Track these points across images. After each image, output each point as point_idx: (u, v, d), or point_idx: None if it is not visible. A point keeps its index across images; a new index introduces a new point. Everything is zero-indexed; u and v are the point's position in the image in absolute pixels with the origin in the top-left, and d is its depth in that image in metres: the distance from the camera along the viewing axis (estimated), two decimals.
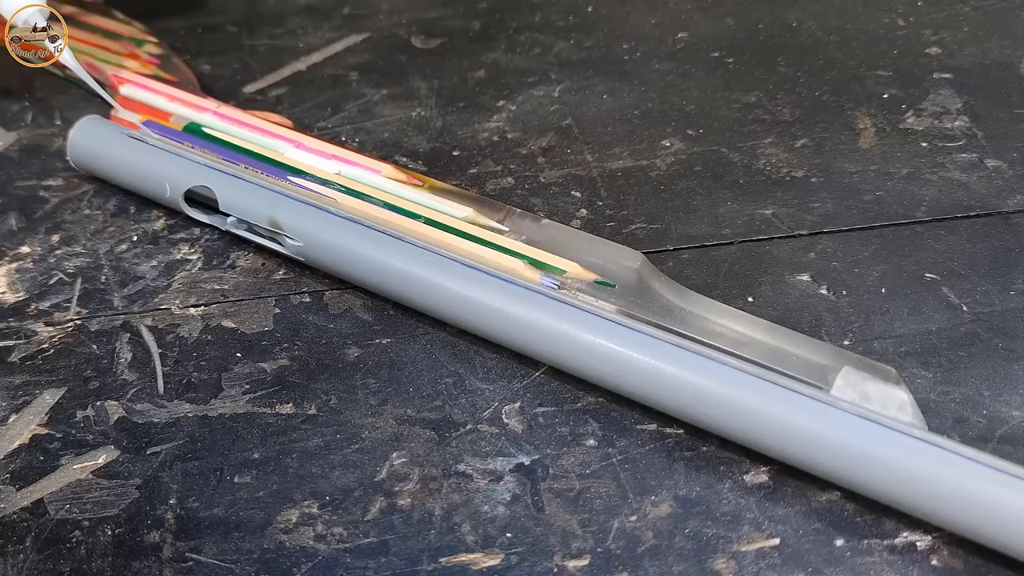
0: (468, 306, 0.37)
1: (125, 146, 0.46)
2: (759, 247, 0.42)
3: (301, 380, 0.38)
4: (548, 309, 0.36)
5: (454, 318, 0.38)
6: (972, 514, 0.30)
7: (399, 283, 0.39)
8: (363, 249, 0.40)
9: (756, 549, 0.32)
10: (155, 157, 0.45)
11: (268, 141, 0.46)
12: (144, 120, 0.48)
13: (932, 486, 0.31)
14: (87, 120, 0.47)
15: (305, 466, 0.35)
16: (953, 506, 0.30)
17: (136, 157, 0.45)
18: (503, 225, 0.41)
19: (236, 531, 0.33)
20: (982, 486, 0.30)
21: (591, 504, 0.33)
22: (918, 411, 0.33)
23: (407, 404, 0.37)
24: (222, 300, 0.42)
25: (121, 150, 0.46)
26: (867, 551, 0.32)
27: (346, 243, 0.40)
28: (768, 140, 0.48)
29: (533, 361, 0.38)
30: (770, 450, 0.33)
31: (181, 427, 0.37)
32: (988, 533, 0.30)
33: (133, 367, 0.39)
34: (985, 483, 0.30)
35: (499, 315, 0.37)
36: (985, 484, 0.30)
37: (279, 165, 0.45)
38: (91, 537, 0.33)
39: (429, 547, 0.32)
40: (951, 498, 0.30)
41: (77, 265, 0.44)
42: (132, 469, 0.35)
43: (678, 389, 0.34)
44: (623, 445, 0.35)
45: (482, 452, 0.35)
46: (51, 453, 0.36)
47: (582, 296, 0.38)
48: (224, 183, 0.43)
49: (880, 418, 0.32)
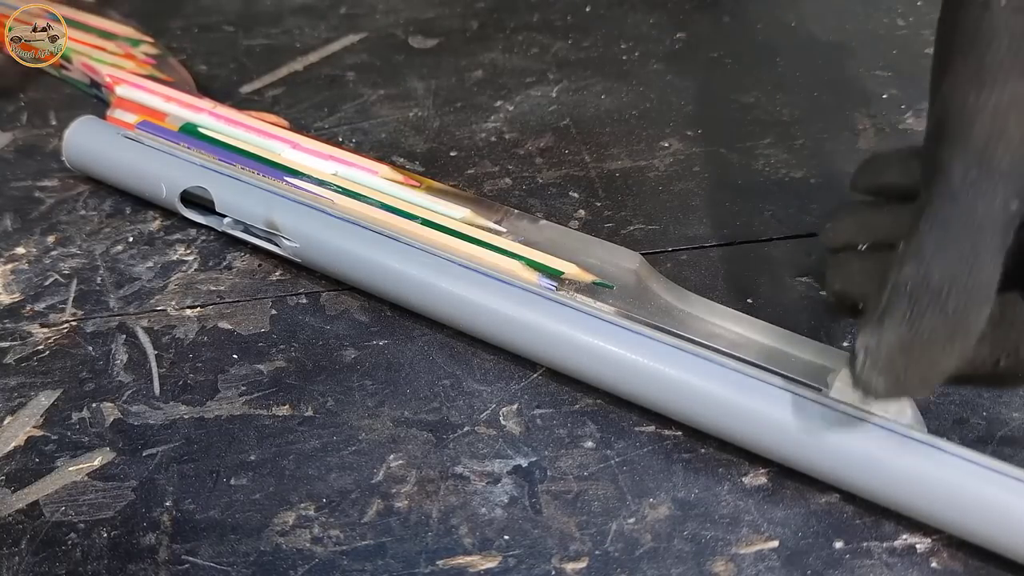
0: (465, 307, 0.37)
1: (121, 147, 0.46)
2: (758, 248, 0.42)
3: (298, 382, 0.38)
4: (545, 311, 0.36)
5: (451, 319, 0.38)
6: (971, 516, 0.30)
7: (396, 284, 0.39)
8: (360, 250, 0.39)
9: (755, 551, 0.32)
10: (151, 158, 0.45)
11: (264, 142, 0.46)
12: (140, 121, 0.47)
13: (931, 488, 0.30)
14: (82, 121, 0.47)
15: (302, 468, 0.35)
16: (952, 508, 0.30)
17: (132, 158, 0.45)
18: (500, 226, 0.41)
19: (232, 533, 0.33)
20: (981, 488, 0.30)
21: (589, 506, 0.33)
22: (917, 413, 0.33)
23: (404, 406, 0.37)
24: (218, 301, 0.41)
25: (117, 151, 0.46)
26: (866, 553, 0.31)
27: (343, 244, 0.40)
28: (767, 140, 0.48)
29: (531, 363, 0.38)
30: (768, 452, 0.33)
31: (177, 429, 0.37)
32: (987, 535, 0.30)
33: (129, 369, 0.39)
34: (984, 485, 0.30)
35: (496, 316, 0.37)
36: (984, 486, 0.30)
37: (275, 166, 0.45)
38: (87, 539, 0.33)
39: (426, 549, 0.32)
40: (950, 500, 0.30)
41: (73, 266, 0.44)
42: (128, 471, 0.35)
43: (675, 391, 0.34)
44: (621, 447, 0.35)
45: (480, 454, 0.35)
46: (46, 455, 0.36)
47: (580, 297, 0.38)
48: (220, 184, 0.42)
49: (879, 420, 0.32)
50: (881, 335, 0.29)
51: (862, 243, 0.37)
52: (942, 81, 0.31)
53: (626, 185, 0.46)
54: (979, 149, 0.29)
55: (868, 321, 0.29)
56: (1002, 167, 0.29)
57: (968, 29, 0.31)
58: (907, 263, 0.29)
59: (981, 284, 0.29)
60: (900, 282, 0.29)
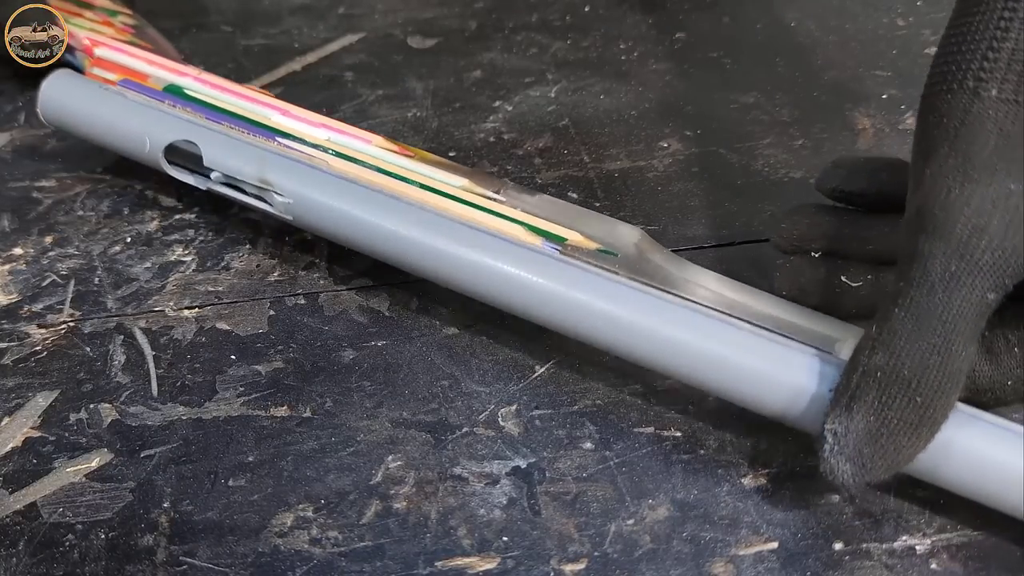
0: (469, 268, 0.36)
1: (101, 100, 0.43)
2: (757, 248, 0.42)
3: (296, 382, 0.38)
4: (553, 271, 0.35)
5: (452, 280, 0.37)
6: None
7: (394, 243, 0.37)
8: (358, 208, 0.37)
9: (754, 553, 0.32)
10: (134, 111, 0.42)
11: (254, 107, 0.44)
12: (121, 79, 0.45)
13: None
14: (59, 74, 0.45)
15: (300, 469, 0.35)
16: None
17: (113, 111, 0.43)
18: (499, 196, 0.40)
19: (230, 535, 0.33)
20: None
21: (588, 507, 0.33)
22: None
23: (403, 407, 0.37)
24: (216, 302, 0.41)
25: (97, 104, 0.43)
26: (866, 555, 0.31)
27: (340, 201, 0.38)
28: (766, 141, 0.48)
29: (530, 364, 0.38)
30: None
31: (175, 430, 0.36)
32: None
33: (127, 369, 0.39)
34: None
35: (502, 276, 0.35)
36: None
37: (266, 128, 0.43)
38: (84, 541, 0.33)
39: (425, 551, 0.32)
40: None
41: (70, 267, 0.43)
42: (126, 472, 0.35)
43: (690, 353, 0.33)
44: (620, 448, 0.35)
45: (478, 455, 0.35)
46: (44, 456, 0.36)
47: (587, 260, 0.37)
48: (209, 139, 0.40)
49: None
50: (849, 422, 0.29)
51: (816, 248, 0.37)
52: (925, 166, 0.31)
53: (625, 185, 0.45)
54: (961, 243, 0.29)
55: (836, 405, 0.30)
56: (983, 262, 0.29)
57: (955, 116, 0.31)
58: (879, 351, 0.29)
59: (951, 374, 0.29)
60: (871, 369, 0.29)
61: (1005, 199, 0.29)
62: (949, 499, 0.32)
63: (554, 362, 0.38)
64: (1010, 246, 0.29)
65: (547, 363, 0.38)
